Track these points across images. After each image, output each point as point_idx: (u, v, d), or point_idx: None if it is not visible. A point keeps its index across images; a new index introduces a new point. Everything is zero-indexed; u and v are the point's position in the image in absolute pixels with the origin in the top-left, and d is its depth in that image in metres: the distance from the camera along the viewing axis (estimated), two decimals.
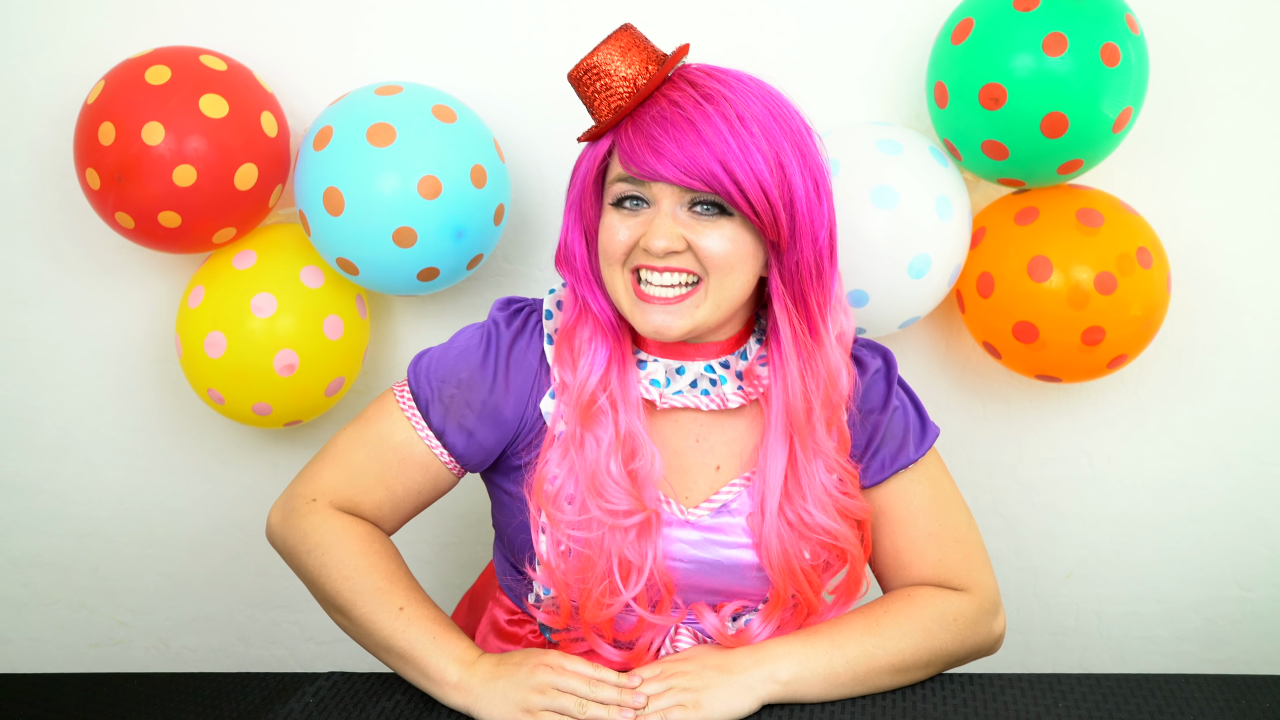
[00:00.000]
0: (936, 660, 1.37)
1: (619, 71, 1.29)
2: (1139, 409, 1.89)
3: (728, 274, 1.29)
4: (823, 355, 1.34)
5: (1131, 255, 1.66)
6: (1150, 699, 1.31)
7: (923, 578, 1.42)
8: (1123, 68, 1.57)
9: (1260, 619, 1.96)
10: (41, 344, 1.93)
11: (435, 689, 1.32)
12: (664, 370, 1.38)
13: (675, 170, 1.24)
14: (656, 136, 1.25)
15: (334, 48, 1.81)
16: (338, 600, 1.37)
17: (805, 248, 1.30)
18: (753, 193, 1.25)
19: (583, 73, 1.30)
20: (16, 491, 1.99)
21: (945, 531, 1.43)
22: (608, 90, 1.29)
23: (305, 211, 1.67)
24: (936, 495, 1.44)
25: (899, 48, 1.78)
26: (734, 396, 1.37)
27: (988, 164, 1.67)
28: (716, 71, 1.30)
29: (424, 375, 1.42)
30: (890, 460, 1.42)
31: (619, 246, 1.30)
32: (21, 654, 2.08)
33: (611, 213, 1.31)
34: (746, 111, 1.26)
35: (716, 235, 1.28)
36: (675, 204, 1.28)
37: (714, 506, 1.38)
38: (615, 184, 1.30)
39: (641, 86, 1.28)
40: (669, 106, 1.26)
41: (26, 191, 1.87)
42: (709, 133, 1.24)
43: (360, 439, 1.43)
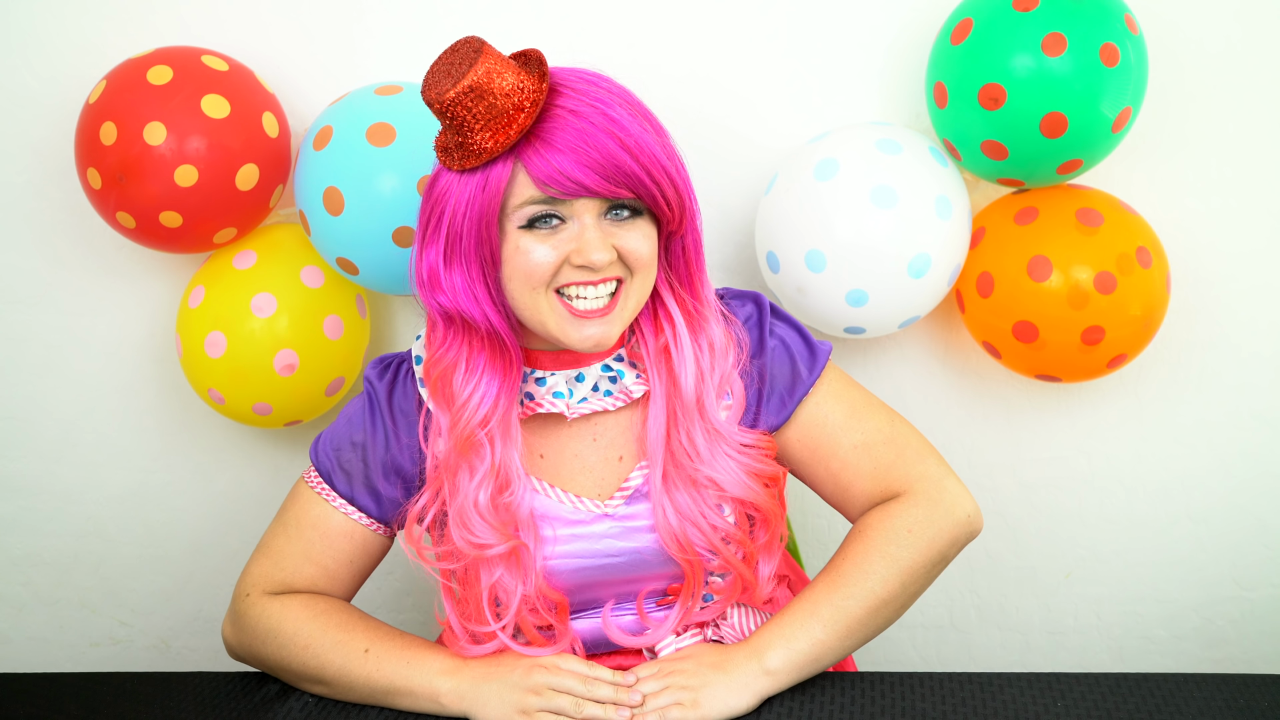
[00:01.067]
0: (913, 579, 1.35)
1: (502, 89, 1.21)
2: (1138, 409, 1.89)
3: (648, 271, 1.31)
4: (709, 327, 1.37)
5: (1131, 255, 1.66)
6: (1149, 698, 1.31)
7: (866, 492, 1.41)
8: (1122, 68, 1.57)
9: (1259, 619, 1.96)
10: (41, 344, 1.93)
11: (432, 706, 1.33)
12: (564, 381, 1.38)
13: (602, 181, 1.23)
14: (574, 149, 1.22)
15: (334, 48, 1.82)
16: (307, 671, 1.38)
17: (691, 229, 1.33)
18: (667, 189, 1.26)
19: (461, 96, 1.20)
20: (16, 491, 2.00)
21: (869, 438, 1.41)
22: (493, 111, 1.21)
23: (305, 211, 1.67)
24: (849, 408, 1.42)
25: (898, 48, 1.78)
26: (635, 386, 1.38)
27: (987, 164, 1.67)
28: (581, 73, 1.28)
29: (322, 450, 1.44)
30: (788, 395, 1.41)
31: (544, 269, 1.26)
32: (22, 654, 2.08)
33: (524, 235, 1.26)
34: (630, 107, 1.26)
35: (637, 235, 1.28)
36: (596, 214, 1.26)
37: (626, 494, 1.38)
38: (525, 206, 1.25)
39: (531, 101, 1.22)
40: (570, 116, 1.23)
41: (28, 191, 1.87)
42: (622, 137, 1.23)
43: (280, 525, 1.46)
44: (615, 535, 1.37)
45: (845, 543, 1.39)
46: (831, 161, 1.66)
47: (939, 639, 2.02)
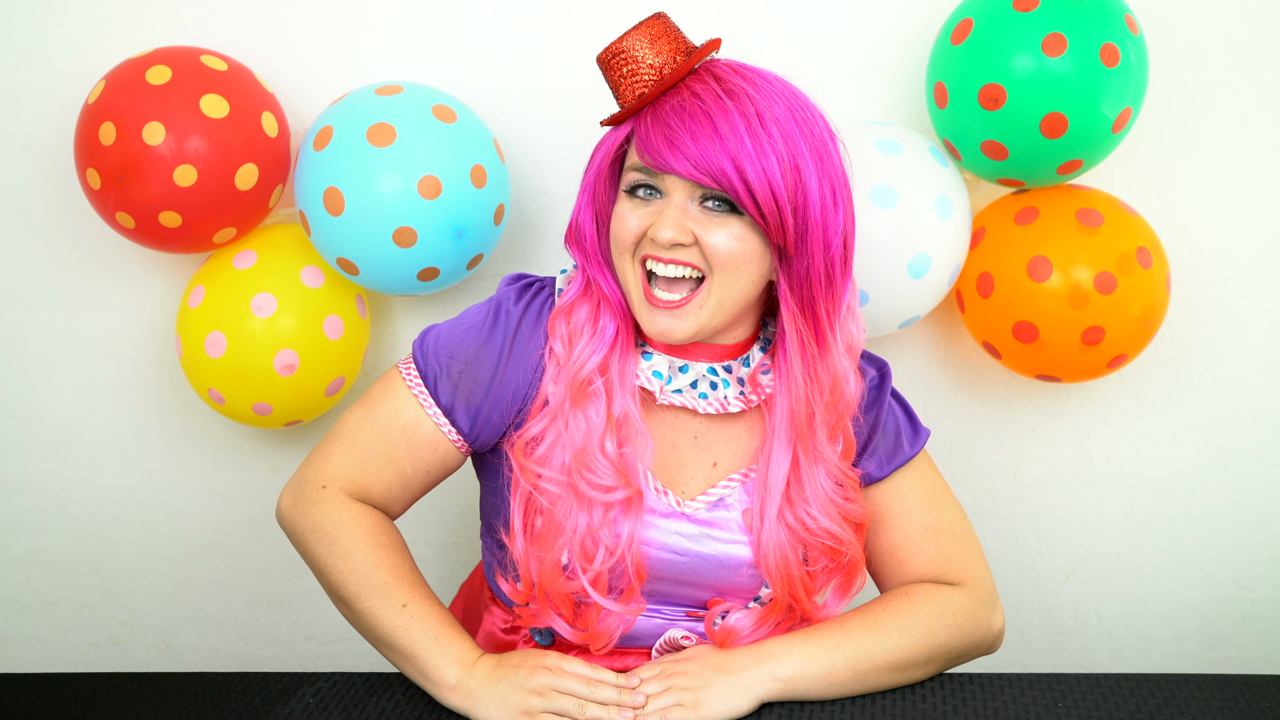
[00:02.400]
0: (936, 657, 1.37)
1: (646, 59, 1.28)
2: (1139, 409, 1.89)
3: (732, 272, 1.29)
4: (827, 363, 1.33)
5: (1131, 255, 1.66)
6: (1150, 699, 1.31)
7: (919, 573, 1.42)
8: (1122, 68, 1.57)
9: (1260, 619, 1.96)
10: (41, 344, 1.93)
11: (434, 689, 1.32)
12: (667, 364, 1.37)
13: (686, 164, 1.24)
14: (673, 128, 1.25)
15: (334, 48, 1.81)
16: (342, 591, 1.37)
17: (816, 254, 1.28)
18: (761, 194, 1.24)
19: (611, 56, 1.29)
20: (16, 491, 2.00)
21: (940, 526, 1.43)
22: (633, 76, 1.28)
23: (305, 211, 1.67)
24: (930, 491, 1.45)
25: (898, 48, 1.78)
26: (735, 401, 1.37)
27: (987, 164, 1.67)
28: (743, 68, 1.29)
29: (430, 351, 1.41)
30: (887, 460, 1.43)
31: (629, 235, 1.30)
32: (22, 654, 2.08)
33: (624, 200, 1.31)
34: (768, 111, 1.25)
35: (724, 233, 1.27)
36: (686, 198, 1.27)
37: (710, 500, 1.38)
38: (630, 172, 1.30)
39: (666, 75, 1.27)
40: (690, 98, 1.25)
41: (27, 191, 1.87)
42: (725, 129, 1.23)
43: (368, 420, 1.42)
44: (687, 535, 1.37)
45: (890, 595, 1.41)
46: None
47: None
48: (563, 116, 1.82)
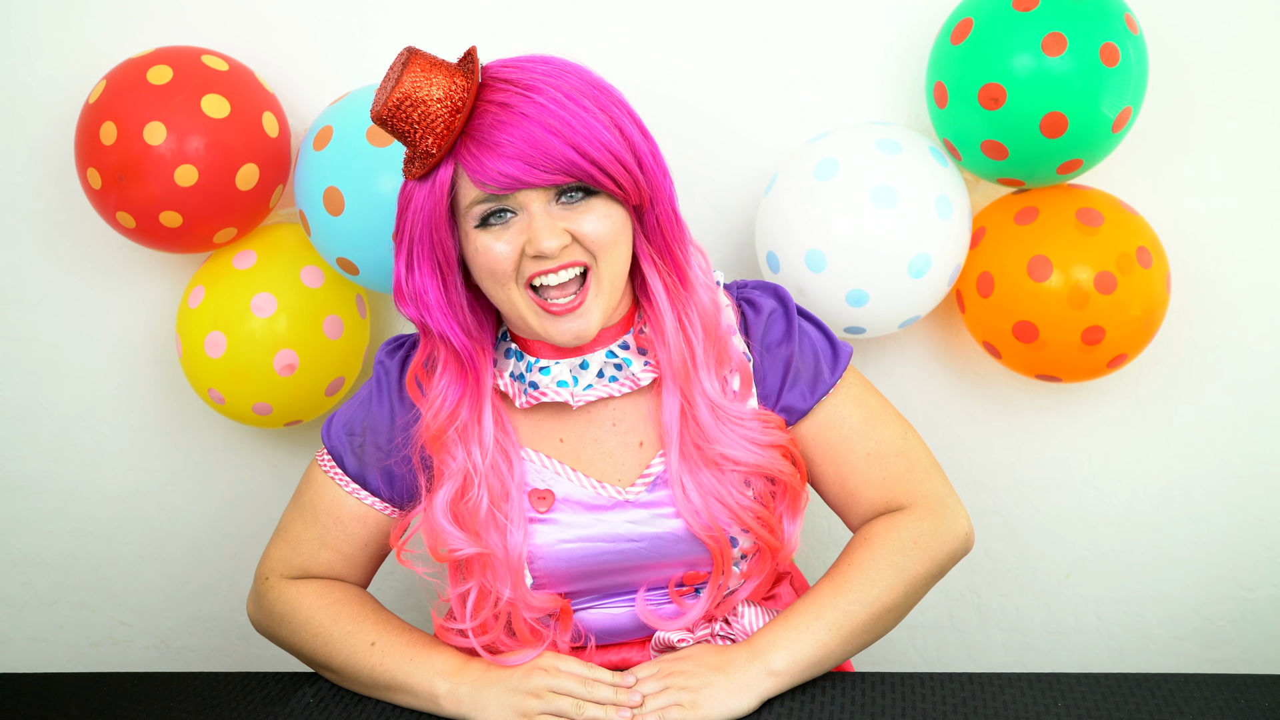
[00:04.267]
0: (915, 588, 1.38)
1: (432, 95, 1.23)
2: (1139, 409, 1.89)
3: (612, 250, 1.29)
4: (695, 299, 1.35)
5: (1131, 255, 1.66)
6: (1150, 698, 1.31)
7: (871, 501, 1.43)
8: (1122, 67, 1.57)
9: (1260, 619, 1.96)
10: (41, 344, 1.93)
11: (430, 706, 1.33)
12: (568, 369, 1.38)
13: (536, 172, 1.23)
14: (501, 144, 1.22)
15: (334, 48, 1.82)
16: (317, 658, 1.40)
17: (660, 200, 1.32)
18: (611, 166, 1.25)
19: (395, 109, 1.23)
20: (17, 491, 2.00)
21: (882, 448, 1.43)
22: (428, 118, 1.23)
23: (305, 211, 1.67)
24: (866, 414, 1.44)
25: (898, 48, 1.78)
26: (643, 373, 1.38)
27: (987, 164, 1.67)
28: (518, 62, 1.28)
29: (334, 433, 1.44)
30: (809, 390, 1.42)
31: (506, 263, 1.27)
32: (22, 653, 2.08)
33: (480, 235, 1.28)
34: (568, 88, 1.25)
35: (592, 217, 1.27)
36: (544, 202, 1.26)
37: (648, 481, 1.38)
38: (472, 206, 1.27)
39: (461, 100, 1.23)
40: (500, 110, 1.23)
41: (27, 191, 1.87)
42: (550, 122, 1.22)
43: (297, 509, 1.47)
44: (636, 521, 1.37)
45: (850, 549, 1.40)
46: (831, 161, 1.66)
47: (939, 639, 2.02)
48: None
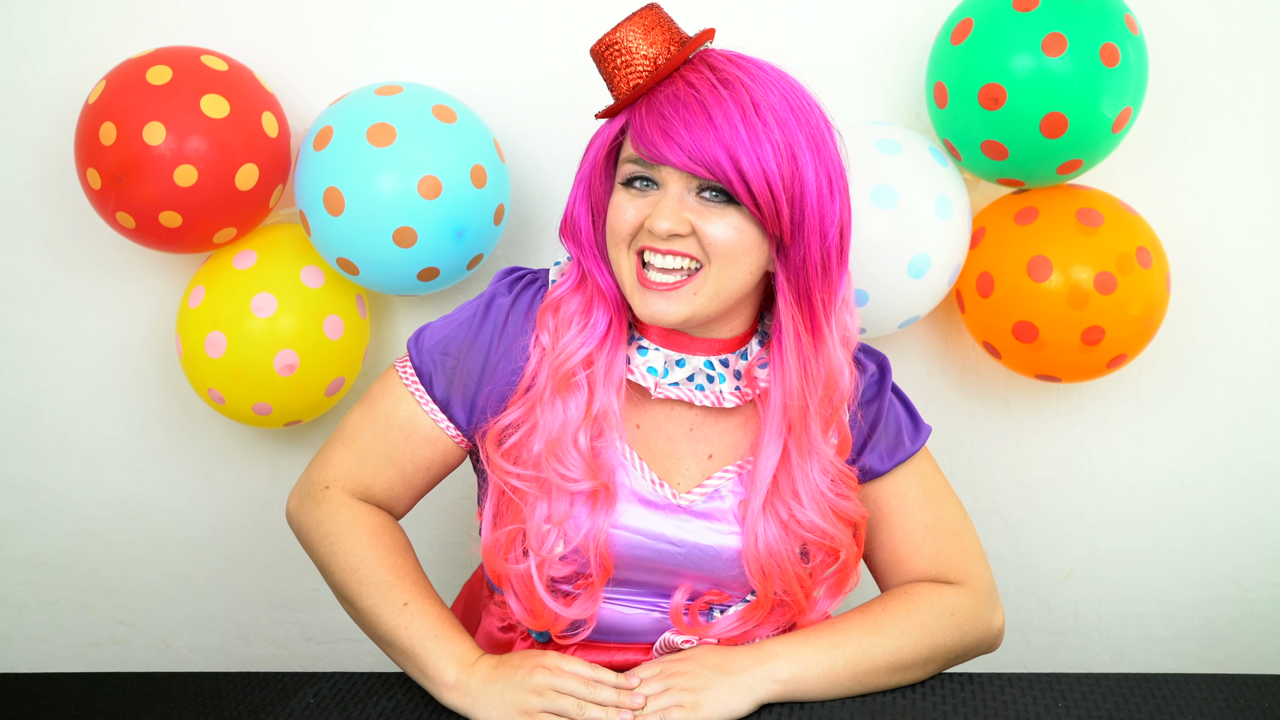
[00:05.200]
0: (936, 657, 1.37)
1: (640, 50, 1.28)
2: (1138, 409, 1.89)
3: (730, 263, 1.28)
4: (823, 354, 1.33)
5: (1131, 255, 1.66)
6: (1149, 698, 1.31)
7: (919, 572, 1.43)
8: (1122, 68, 1.57)
9: (1259, 618, 1.96)
10: (41, 344, 1.93)
11: (434, 688, 1.33)
12: (663, 359, 1.38)
13: (681, 155, 1.24)
14: (668, 118, 1.24)
15: (334, 48, 1.82)
16: (345, 590, 1.38)
17: (812, 244, 1.28)
18: (757, 185, 1.24)
19: (605, 48, 1.29)
20: (17, 491, 1.99)
21: (941, 524, 1.44)
22: (627, 67, 1.28)
23: (305, 211, 1.67)
24: (931, 489, 1.45)
25: (898, 48, 1.78)
26: (730, 396, 1.37)
27: (987, 164, 1.67)
28: (738, 58, 1.29)
29: (425, 348, 1.42)
30: (888, 455, 1.43)
31: (626, 226, 1.29)
32: (22, 653, 2.08)
33: (620, 192, 1.31)
34: (763, 100, 1.25)
35: (722, 223, 1.27)
36: (683, 188, 1.27)
37: (706, 492, 1.38)
38: (625, 164, 1.30)
39: (660, 66, 1.27)
40: (684, 89, 1.25)
41: (27, 191, 1.87)
42: (720, 118, 1.23)
43: (368, 419, 1.43)
44: (683, 526, 1.37)
45: (889, 596, 1.41)
46: None
47: None
48: (563, 116, 1.82)
